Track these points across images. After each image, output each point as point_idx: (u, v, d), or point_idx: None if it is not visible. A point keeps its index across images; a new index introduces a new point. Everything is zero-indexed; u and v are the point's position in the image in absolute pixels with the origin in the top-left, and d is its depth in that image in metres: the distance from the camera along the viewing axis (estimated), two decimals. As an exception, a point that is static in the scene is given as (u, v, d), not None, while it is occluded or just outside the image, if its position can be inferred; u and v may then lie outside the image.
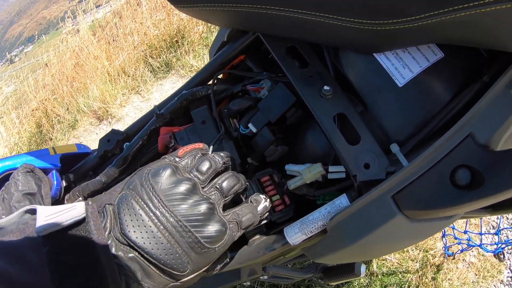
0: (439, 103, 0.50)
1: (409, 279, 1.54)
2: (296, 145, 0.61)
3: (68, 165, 0.84)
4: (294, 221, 0.51)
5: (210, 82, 0.71)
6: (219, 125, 0.62)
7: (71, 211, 0.35)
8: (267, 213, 0.47)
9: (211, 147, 0.58)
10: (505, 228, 1.57)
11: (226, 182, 0.42)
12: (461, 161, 0.38)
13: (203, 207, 0.38)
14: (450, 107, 0.49)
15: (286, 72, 0.55)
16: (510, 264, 1.54)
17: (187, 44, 3.17)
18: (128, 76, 3.29)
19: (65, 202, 0.73)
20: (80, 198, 0.72)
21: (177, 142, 0.68)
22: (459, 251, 1.56)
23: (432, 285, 1.52)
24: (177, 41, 3.23)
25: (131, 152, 0.72)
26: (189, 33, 3.22)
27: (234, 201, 0.45)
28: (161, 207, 0.36)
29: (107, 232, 0.35)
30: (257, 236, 0.55)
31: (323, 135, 0.57)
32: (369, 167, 0.47)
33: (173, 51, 3.20)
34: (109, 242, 0.35)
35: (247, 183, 0.46)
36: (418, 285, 1.52)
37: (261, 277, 0.89)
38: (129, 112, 3.07)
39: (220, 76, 0.73)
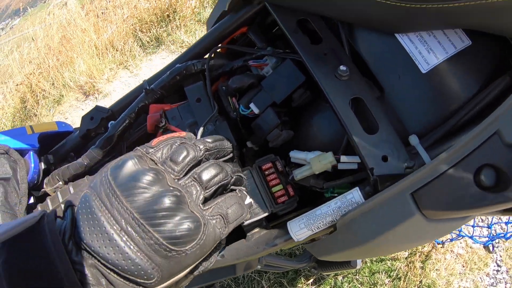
0: (464, 95, 0.46)
1: (398, 267, 1.54)
2: (301, 130, 0.55)
3: (47, 146, 0.77)
4: (296, 212, 0.45)
5: (207, 56, 0.64)
6: (212, 104, 0.55)
7: (27, 217, 0.32)
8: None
9: (201, 129, 0.51)
10: (497, 223, 1.57)
11: (205, 171, 0.36)
12: (486, 160, 0.34)
13: (165, 200, 0.32)
14: (475, 101, 0.45)
15: (297, 48, 0.49)
16: (496, 257, 1.55)
17: (179, 19, 3.04)
18: (117, 51, 3.14)
19: (44, 186, 0.66)
20: (60, 183, 0.65)
21: (168, 121, 0.61)
22: (448, 240, 1.57)
23: (420, 275, 1.52)
24: (168, 16, 3.09)
25: (116, 131, 0.65)
26: (181, 7, 3.08)
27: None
28: (117, 204, 0.32)
29: (67, 236, 0.32)
30: (256, 230, 0.50)
31: (333, 121, 0.51)
32: (387, 160, 0.42)
33: (164, 26, 3.08)
34: (69, 246, 0.32)
35: (239, 175, 0.40)
36: (407, 274, 1.52)
37: (253, 267, 0.85)
38: (116, 88, 2.95)
39: (218, 51, 0.66)
